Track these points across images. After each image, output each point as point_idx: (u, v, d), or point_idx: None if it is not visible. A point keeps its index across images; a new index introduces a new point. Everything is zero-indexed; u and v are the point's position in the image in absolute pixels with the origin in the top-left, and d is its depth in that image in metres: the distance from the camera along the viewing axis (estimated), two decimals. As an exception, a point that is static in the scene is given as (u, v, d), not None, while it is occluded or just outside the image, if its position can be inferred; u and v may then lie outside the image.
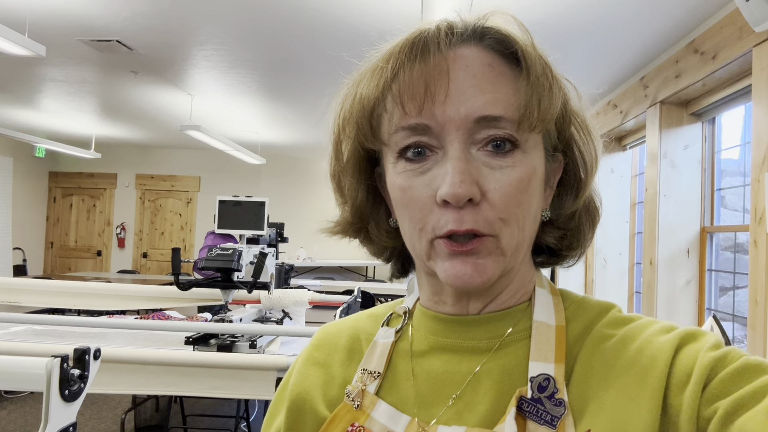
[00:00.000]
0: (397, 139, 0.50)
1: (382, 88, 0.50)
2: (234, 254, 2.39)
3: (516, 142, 0.49)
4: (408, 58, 0.49)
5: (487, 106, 0.48)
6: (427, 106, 0.48)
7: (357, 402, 0.55)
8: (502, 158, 0.49)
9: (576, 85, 0.56)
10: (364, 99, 0.52)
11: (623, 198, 4.49)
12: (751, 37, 2.38)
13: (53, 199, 8.85)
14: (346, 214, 0.60)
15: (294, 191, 8.61)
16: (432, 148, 0.50)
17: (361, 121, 0.52)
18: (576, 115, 0.55)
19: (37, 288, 3.00)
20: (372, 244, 0.62)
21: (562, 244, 0.58)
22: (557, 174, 0.56)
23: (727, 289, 3.27)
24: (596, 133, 0.57)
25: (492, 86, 0.49)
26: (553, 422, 0.47)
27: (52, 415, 0.83)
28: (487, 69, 0.50)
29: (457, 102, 0.48)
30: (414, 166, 0.50)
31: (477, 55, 0.50)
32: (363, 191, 0.58)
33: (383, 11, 2.95)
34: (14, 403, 4.33)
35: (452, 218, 0.48)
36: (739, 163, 3.22)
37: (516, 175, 0.49)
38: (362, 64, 0.55)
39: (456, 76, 0.49)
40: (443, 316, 0.56)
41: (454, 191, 0.46)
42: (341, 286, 5.09)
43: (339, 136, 0.57)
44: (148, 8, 3.07)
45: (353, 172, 0.57)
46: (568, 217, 0.57)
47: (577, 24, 3.04)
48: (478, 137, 0.49)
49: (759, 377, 0.43)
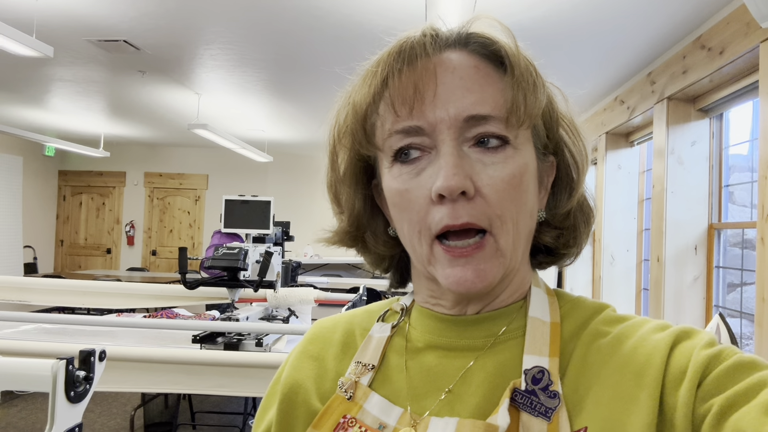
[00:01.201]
0: (391, 143, 0.51)
1: (373, 94, 0.51)
2: (240, 253, 2.41)
3: (506, 138, 0.50)
4: (396, 63, 0.51)
5: (475, 106, 0.49)
6: (417, 107, 0.50)
7: (350, 393, 0.55)
8: (493, 154, 0.50)
9: (585, 82, 0.57)
10: (357, 106, 0.53)
11: (630, 194, 4.47)
12: (759, 32, 2.36)
13: (63, 197, 8.92)
14: (343, 224, 0.61)
15: (301, 188, 8.63)
16: (425, 149, 0.50)
17: (356, 128, 0.53)
18: (564, 117, 0.57)
19: (47, 287, 3.03)
20: (369, 254, 0.63)
21: (559, 243, 0.59)
22: (550, 175, 0.57)
23: (735, 286, 3.25)
24: (585, 134, 0.58)
25: (479, 86, 0.50)
26: (547, 414, 0.47)
27: (57, 416, 0.85)
28: (473, 71, 0.51)
29: (446, 102, 0.49)
30: (409, 169, 0.51)
31: (462, 59, 0.52)
32: (360, 201, 0.59)
33: (388, 9, 2.95)
34: (25, 401, 4.38)
35: (447, 213, 0.48)
36: (747, 158, 3.20)
37: (508, 170, 0.49)
38: (354, 76, 0.56)
39: (443, 78, 0.50)
40: (441, 316, 0.57)
41: (448, 183, 0.47)
42: (348, 283, 5.10)
43: (335, 147, 0.58)
44: (154, 8, 3.08)
45: (350, 182, 0.58)
46: (564, 216, 0.58)
47: (583, 20, 3.03)
48: (468, 135, 0.50)
49: (752, 374, 0.44)
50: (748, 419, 0.40)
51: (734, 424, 0.41)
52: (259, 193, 4.89)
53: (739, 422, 0.41)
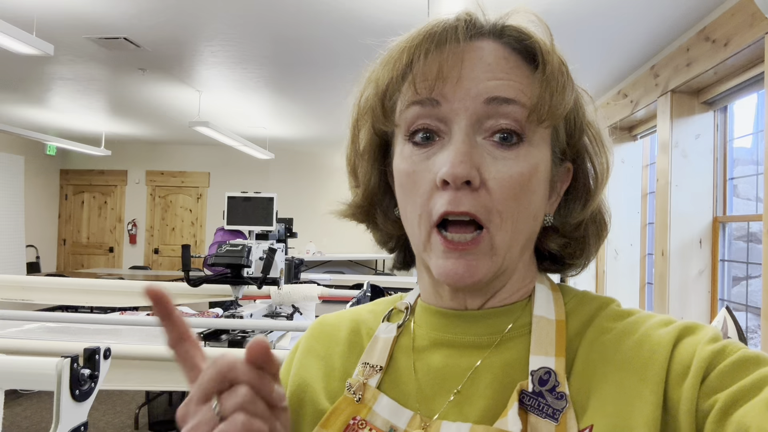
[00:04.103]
0: (407, 116, 0.51)
1: (398, 72, 0.51)
2: (243, 250, 2.40)
3: (522, 135, 0.49)
4: (424, 44, 0.50)
5: (499, 88, 0.49)
6: (438, 86, 0.49)
7: (358, 395, 0.55)
8: (506, 150, 0.49)
9: (587, 75, 0.56)
10: (379, 83, 0.53)
11: (634, 188, 4.46)
12: (763, 24, 2.35)
13: (65, 196, 8.93)
14: (357, 198, 0.61)
15: (303, 185, 8.62)
16: (439, 133, 0.50)
17: (375, 103, 0.53)
18: (590, 125, 0.56)
19: (50, 286, 3.03)
20: (378, 231, 0.63)
21: (565, 253, 0.59)
22: (565, 181, 0.57)
23: (740, 279, 3.23)
24: (610, 146, 0.58)
25: (506, 74, 0.50)
26: (554, 415, 0.47)
27: (63, 414, 0.84)
28: (503, 61, 0.51)
29: (468, 83, 0.49)
30: (420, 152, 0.51)
31: (493, 48, 0.51)
32: (376, 177, 0.59)
33: (390, 4, 2.94)
34: (29, 399, 4.38)
35: (448, 199, 0.48)
36: (752, 151, 3.18)
37: (518, 168, 0.49)
38: (382, 51, 0.55)
39: (470, 63, 0.50)
40: (444, 311, 0.57)
41: (453, 170, 0.47)
42: (351, 280, 5.09)
43: (357, 122, 0.58)
44: (154, 5, 3.07)
45: (368, 157, 0.58)
46: (574, 227, 0.58)
47: (586, 12, 3.01)
48: (485, 125, 0.49)
49: (757, 370, 0.44)
50: (753, 415, 0.40)
51: (738, 420, 0.41)
52: (261, 190, 4.88)
53: (743, 418, 0.41)
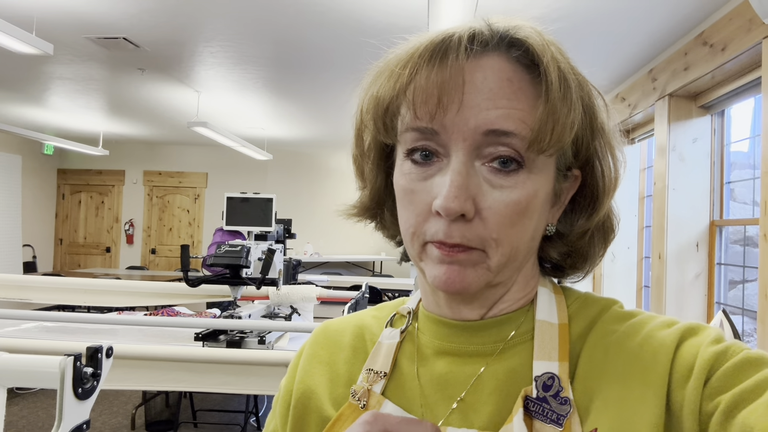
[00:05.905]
0: (407, 138, 0.51)
1: (398, 90, 0.50)
2: (242, 251, 2.40)
3: (522, 162, 0.48)
4: (426, 63, 0.49)
5: (499, 120, 0.47)
6: (438, 116, 0.48)
7: (363, 402, 0.55)
8: (504, 177, 0.48)
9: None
10: (379, 98, 0.52)
11: (631, 192, 4.47)
12: (761, 28, 2.36)
13: (62, 196, 8.91)
14: (364, 198, 0.61)
15: (301, 186, 8.62)
16: (438, 154, 0.49)
17: (376, 119, 0.53)
18: (603, 132, 0.54)
19: (47, 285, 3.03)
20: (386, 229, 0.63)
21: (566, 262, 0.58)
22: (570, 191, 0.55)
23: (737, 283, 3.25)
24: (620, 154, 0.55)
25: (507, 101, 0.48)
26: (559, 421, 0.47)
27: (65, 413, 0.84)
28: (506, 84, 0.48)
29: (468, 114, 0.47)
30: (418, 170, 0.50)
31: (498, 68, 0.49)
32: (382, 178, 0.59)
33: (390, 6, 2.94)
34: (26, 399, 4.37)
35: (442, 230, 0.48)
36: (749, 155, 3.20)
37: (515, 197, 0.48)
38: (386, 56, 0.54)
39: (471, 87, 0.48)
40: (447, 321, 0.56)
41: (447, 205, 0.46)
42: (348, 281, 5.10)
43: (360, 130, 0.58)
44: (154, 5, 3.07)
45: (374, 159, 0.58)
46: (579, 236, 0.56)
47: (583, 17, 3.02)
48: (484, 152, 0.48)
49: (760, 371, 0.43)
50: (756, 416, 0.40)
51: (742, 422, 0.41)
52: (259, 191, 4.88)
53: (746, 419, 0.41)
